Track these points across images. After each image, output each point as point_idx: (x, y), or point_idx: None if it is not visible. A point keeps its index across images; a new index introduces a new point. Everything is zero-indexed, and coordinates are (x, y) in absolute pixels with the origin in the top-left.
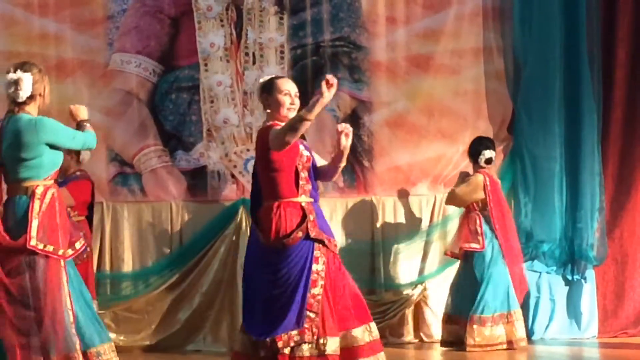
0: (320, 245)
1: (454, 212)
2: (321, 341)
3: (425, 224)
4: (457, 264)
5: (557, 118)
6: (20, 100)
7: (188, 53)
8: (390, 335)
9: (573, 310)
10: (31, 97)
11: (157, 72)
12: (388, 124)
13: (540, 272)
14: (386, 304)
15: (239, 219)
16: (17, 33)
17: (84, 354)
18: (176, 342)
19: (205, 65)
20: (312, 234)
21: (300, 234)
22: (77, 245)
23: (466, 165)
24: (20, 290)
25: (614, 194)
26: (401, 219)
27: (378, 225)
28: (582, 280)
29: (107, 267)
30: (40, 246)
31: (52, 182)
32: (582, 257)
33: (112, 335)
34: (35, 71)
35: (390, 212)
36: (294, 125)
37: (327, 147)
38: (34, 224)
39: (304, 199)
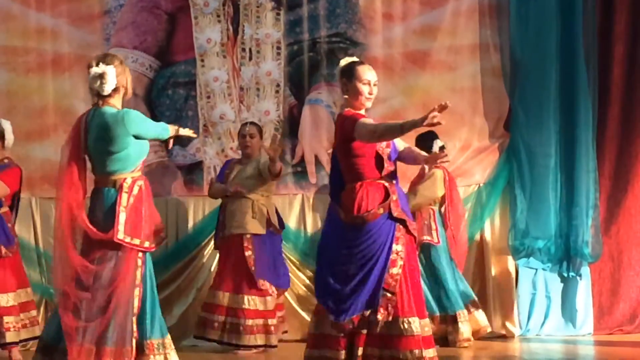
0: (401, 226)
1: None
2: (400, 321)
3: None
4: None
5: (553, 115)
6: (105, 93)
7: (185, 49)
8: None
9: (569, 307)
10: (115, 90)
11: (154, 67)
12: (384, 120)
13: (536, 269)
14: None
15: None
16: (14, 28)
17: (142, 344)
18: (171, 337)
19: (202, 60)
20: (395, 213)
21: (381, 210)
22: (160, 238)
23: (462, 161)
24: (94, 279)
25: (610, 191)
26: None
27: None
28: (577, 278)
29: None
30: (127, 239)
31: (139, 174)
32: (577, 254)
33: None
34: (117, 63)
35: None
36: (386, 132)
37: (323, 142)
38: (122, 217)
39: (386, 180)
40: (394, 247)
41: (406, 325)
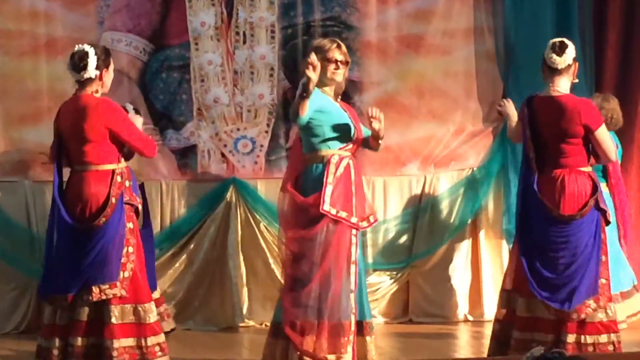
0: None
1: (444, 193)
2: (609, 307)
3: (414, 205)
4: (446, 245)
5: None
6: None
7: (179, 32)
8: (380, 316)
9: None
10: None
11: (148, 50)
12: (378, 104)
13: None
14: (375, 285)
15: (229, 198)
16: (7, 11)
17: (359, 324)
18: None
19: (196, 44)
20: (602, 205)
21: (592, 202)
22: (372, 219)
23: (456, 145)
24: (301, 246)
25: None
26: (390, 199)
27: None
28: None
29: None
30: (333, 211)
31: (347, 153)
32: None
33: None
34: None
35: (379, 192)
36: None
37: None
38: (328, 189)
39: (589, 169)
40: (602, 235)
41: (608, 311)
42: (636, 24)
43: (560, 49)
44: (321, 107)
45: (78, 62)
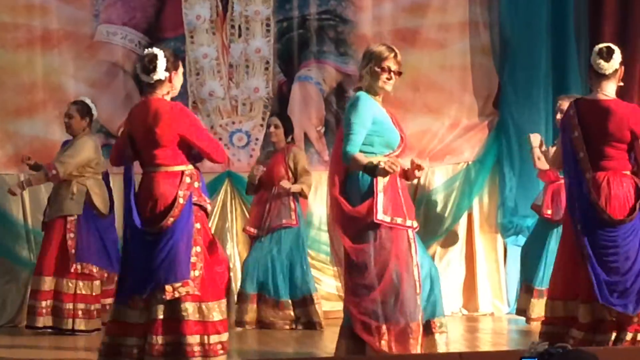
0: None
1: (439, 187)
2: None
3: None
4: (441, 238)
5: (543, 93)
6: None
7: (174, 25)
8: None
9: None
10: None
11: (143, 44)
12: None
13: None
14: None
15: (224, 192)
16: (3, 4)
17: (427, 322)
18: None
19: (191, 37)
20: None
21: (639, 205)
22: (415, 224)
23: (451, 139)
24: (360, 256)
25: None
26: None
27: None
28: None
29: None
30: (387, 219)
31: (386, 159)
32: None
33: None
34: None
35: None
36: None
37: (312, 120)
38: (380, 197)
39: (634, 173)
40: None
41: None
42: (632, 17)
43: (608, 55)
44: (375, 117)
45: (148, 65)
